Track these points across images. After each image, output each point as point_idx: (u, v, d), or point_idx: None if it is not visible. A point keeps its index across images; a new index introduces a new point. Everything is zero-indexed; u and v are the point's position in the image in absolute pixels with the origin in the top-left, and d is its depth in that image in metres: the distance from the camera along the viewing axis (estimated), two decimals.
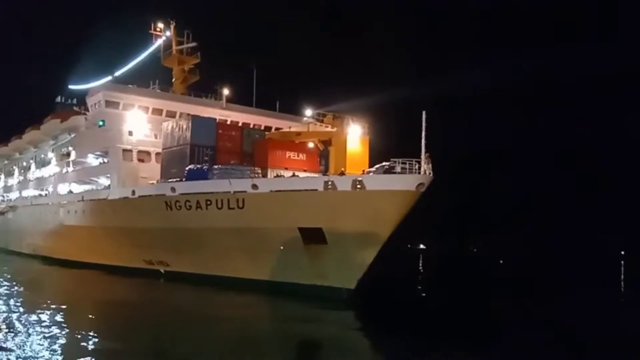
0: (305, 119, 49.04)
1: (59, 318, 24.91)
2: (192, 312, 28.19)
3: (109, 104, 45.09)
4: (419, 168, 29.68)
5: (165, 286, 38.81)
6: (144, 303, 31.35)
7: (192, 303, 31.57)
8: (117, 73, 53.21)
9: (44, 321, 23.88)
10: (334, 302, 30.71)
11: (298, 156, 38.18)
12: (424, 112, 29.08)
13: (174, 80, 52.96)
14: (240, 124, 45.41)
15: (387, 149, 35.68)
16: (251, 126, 46.20)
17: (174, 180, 36.64)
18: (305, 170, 36.96)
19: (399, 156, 31.20)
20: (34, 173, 63.60)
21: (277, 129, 46.43)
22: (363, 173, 31.91)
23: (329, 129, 35.33)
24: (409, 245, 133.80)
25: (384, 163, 30.65)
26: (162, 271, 40.79)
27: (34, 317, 24.54)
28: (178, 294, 35.22)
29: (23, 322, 23.70)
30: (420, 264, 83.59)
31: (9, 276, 42.13)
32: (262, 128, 46.87)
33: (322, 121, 36.09)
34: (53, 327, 22.53)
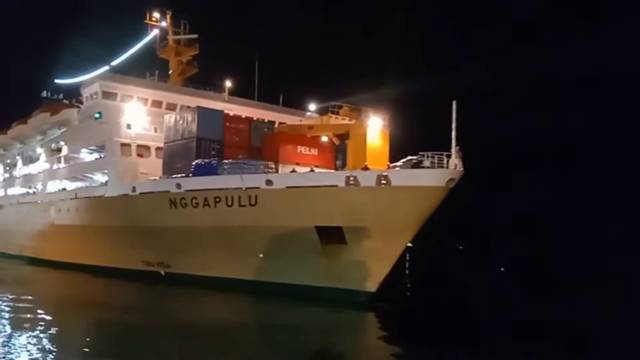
0: (308, 113, 47.04)
1: (48, 326, 22.87)
2: (194, 318, 26.07)
3: (106, 94, 42.47)
4: (448, 162, 27.78)
5: (165, 289, 36.43)
6: (142, 308, 28.93)
7: (195, 308, 29.41)
8: (114, 62, 50.55)
9: (32, 329, 21.94)
10: (353, 305, 28.80)
11: (310, 151, 35.99)
12: (454, 102, 27.21)
13: (170, 72, 50.54)
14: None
15: (406, 143, 33.76)
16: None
17: (179, 176, 34.27)
18: (317, 166, 34.86)
19: (420, 150, 29.36)
20: (21, 170, 60.48)
21: (280, 123, 44.27)
22: (388, 168, 29.93)
23: (345, 121, 33.21)
24: None
25: (410, 157, 28.71)
26: (162, 273, 38.30)
27: (20, 325, 22.58)
28: (181, 298, 32.89)
29: (8, 330, 21.89)
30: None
31: None
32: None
33: (337, 113, 33.94)
34: (41, 336, 20.68)
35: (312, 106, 48.67)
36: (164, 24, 51.42)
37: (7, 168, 66.05)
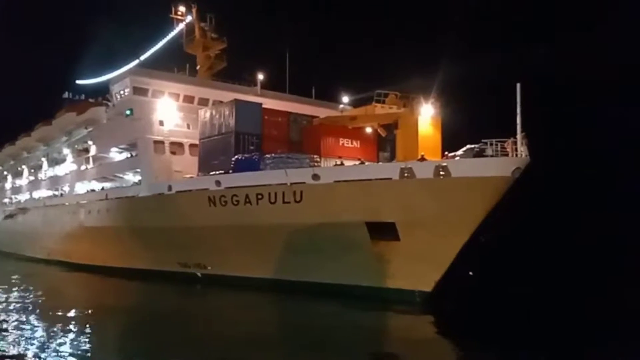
0: (341, 105, 45.26)
1: (84, 330, 21.95)
2: (237, 323, 24.54)
3: (136, 90, 40.90)
4: (513, 150, 25.73)
5: (203, 292, 34.90)
6: (181, 314, 27.32)
7: (238, 312, 27.65)
8: (143, 56, 49.02)
9: (67, 332, 21.22)
10: (406, 306, 26.96)
11: (352, 143, 34.39)
12: (518, 85, 25.14)
13: (198, 67, 49.07)
14: None
15: (458, 131, 31.70)
16: None
17: (218, 172, 32.62)
18: (360, 160, 33.03)
19: (475, 139, 27.34)
20: (47, 172, 59.34)
21: (313, 117, 42.54)
22: (446, 158, 27.96)
23: (393, 110, 31.28)
24: None
25: (470, 145, 26.71)
26: (199, 275, 36.72)
27: (55, 329, 21.70)
28: (220, 302, 31.30)
29: (43, 334, 21.15)
30: None
31: (22, 284, 38.24)
32: None
33: (383, 102, 32.02)
34: (77, 340, 20.03)
35: (345, 98, 46.87)
36: (189, 18, 49.93)
37: (32, 170, 65.06)
